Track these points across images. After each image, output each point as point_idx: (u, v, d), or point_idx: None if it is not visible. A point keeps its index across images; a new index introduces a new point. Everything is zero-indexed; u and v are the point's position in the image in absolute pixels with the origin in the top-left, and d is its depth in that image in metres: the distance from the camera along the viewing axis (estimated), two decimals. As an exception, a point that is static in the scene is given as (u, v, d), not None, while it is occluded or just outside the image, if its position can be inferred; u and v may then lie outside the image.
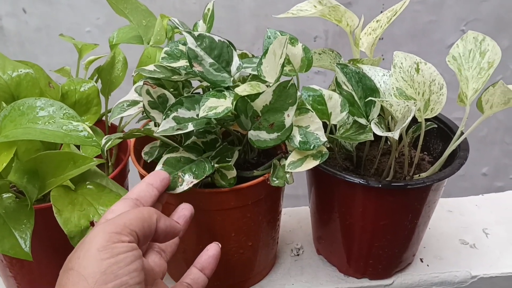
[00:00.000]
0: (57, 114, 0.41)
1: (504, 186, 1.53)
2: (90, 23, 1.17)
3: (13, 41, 1.22)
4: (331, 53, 0.61)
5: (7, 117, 0.41)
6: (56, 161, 0.44)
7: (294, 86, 0.46)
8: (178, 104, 0.48)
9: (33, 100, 0.41)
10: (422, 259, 0.63)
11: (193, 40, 0.50)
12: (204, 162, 0.49)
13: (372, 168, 0.58)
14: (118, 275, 0.33)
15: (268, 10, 1.21)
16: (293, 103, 0.46)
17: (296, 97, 0.46)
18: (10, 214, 0.44)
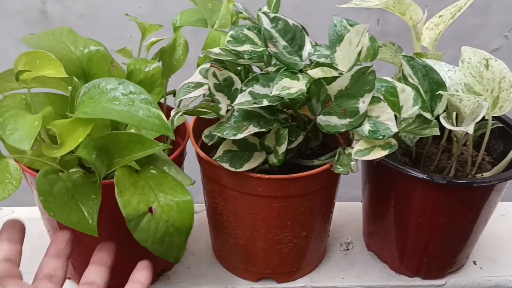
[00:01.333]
0: (136, 98, 0.41)
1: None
2: (132, 11, 1.17)
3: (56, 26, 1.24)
4: (392, 46, 0.60)
5: (86, 94, 0.41)
6: (124, 141, 0.44)
7: (373, 73, 0.45)
8: (254, 80, 0.48)
9: (114, 81, 0.41)
10: (475, 262, 0.61)
11: (268, 21, 0.50)
12: (273, 120, 0.49)
13: (432, 165, 0.57)
14: None
15: (310, 7, 1.20)
16: (370, 90, 0.46)
17: (373, 84, 0.45)
18: (78, 189, 0.44)
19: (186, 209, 0.46)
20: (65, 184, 0.45)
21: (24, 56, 0.42)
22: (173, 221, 0.45)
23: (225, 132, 0.47)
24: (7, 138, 0.38)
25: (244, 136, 0.47)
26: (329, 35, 0.54)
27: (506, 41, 1.31)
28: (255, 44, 0.53)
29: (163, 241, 0.45)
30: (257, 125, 0.48)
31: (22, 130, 0.39)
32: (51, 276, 0.42)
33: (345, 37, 0.49)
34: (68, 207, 0.43)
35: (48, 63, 0.43)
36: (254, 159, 0.50)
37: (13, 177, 0.43)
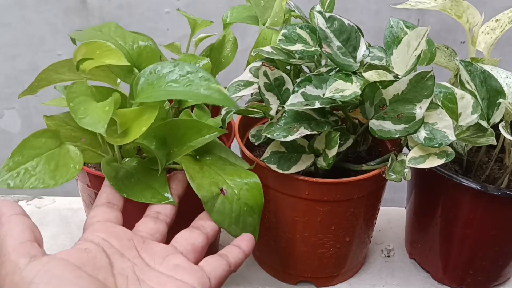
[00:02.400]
0: (195, 77, 0.40)
1: None
2: (169, 4, 1.17)
3: (95, 16, 1.24)
4: (446, 50, 0.58)
5: (145, 81, 0.41)
6: (184, 128, 0.44)
7: (432, 77, 0.44)
8: (307, 80, 0.47)
9: (169, 64, 0.41)
10: (522, 277, 0.59)
11: (324, 21, 0.48)
12: (324, 123, 0.48)
13: (483, 174, 0.55)
14: None
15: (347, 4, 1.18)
16: (428, 95, 0.44)
17: (433, 90, 0.44)
18: (141, 173, 0.44)
19: (255, 187, 0.46)
20: (127, 171, 0.45)
21: (84, 46, 0.42)
22: (245, 200, 0.45)
23: (275, 133, 0.46)
24: (80, 122, 0.38)
25: (294, 138, 0.46)
26: (385, 37, 0.52)
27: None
28: (307, 43, 0.52)
29: (239, 221, 0.45)
30: (308, 127, 0.47)
31: (93, 114, 0.39)
32: (158, 213, 0.42)
33: (403, 39, 0.48)
34: (138, 186, 0.44)
35: (108, 53, 0.43)
36: (302, 162, 0.49)
37: (75, 161, 0.43)
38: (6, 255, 0.32)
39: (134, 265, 0.36)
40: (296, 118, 0.48)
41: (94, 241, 0.36)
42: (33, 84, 0.49)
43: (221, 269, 0.38)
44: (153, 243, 0.39)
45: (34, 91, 0.50)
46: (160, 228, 0.41)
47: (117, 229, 0.39)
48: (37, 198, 0.68)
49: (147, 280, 0.35)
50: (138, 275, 0.35)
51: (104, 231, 0.38)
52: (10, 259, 0.32)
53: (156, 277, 0.35)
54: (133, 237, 0.38)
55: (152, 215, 0.42)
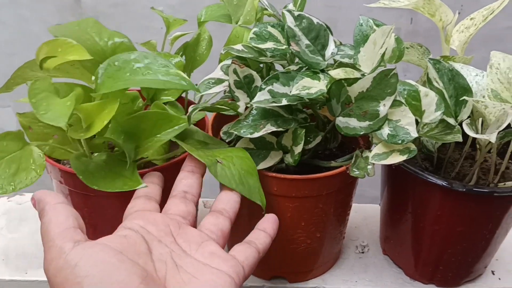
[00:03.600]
0: (153, 64, 0.41)
1: None
2: (163, 2, 1.18)
3: (88, 15, 1.25)
4: (420, 48, 0.59)
5: (104, 73, 0.41)
6: (152, 120, 0.45)
7: (396, 75, 0.45)
8: (274, 78, 0.48)
9: (127, 55, 0.42)
10: (494, 272, 0.60)
11: (292, 19, 0.49)
12: (291, 120, 0.49)
13: (453, 171, 0.55)
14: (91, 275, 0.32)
15: (341, 2, 1.18)
16: (391, 93, 0.45)
17: (396, 87, 0.45)
18: (111, 164, 0.45)
19: (245, 157, 0.48)
20: (97, 164, 0.46)
21: (45, 45, 0.43)
22: (239, 166, 0.46)
23: (242, 130, 0.47)
24: (41, 117, 0.39)
25: (261, 135, 0.47)
26: (354, 35, 0.53)
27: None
28: (278, 42, 0.52)
29: (243, 182, 0.46)
30: (274, 124, 0.48)
31: (55, 109, 0.40)
32: (186, 193, 0.43)
33: (370, 37, 0.48)
34: (109, 177, 0.44)
35: (71, 49, 0.44)
36: (270, 158, 0.50)
37: (36, 164, 0.44)
38: (51, 241, 0.34)
39: (171, 251, 0.37)
40: (263, 115, 0.48)
41: (133, 228, 0.37)
42: (9, 81, 0.50)
43: (252, 257, 0.40)
44: (187, 228, 0.40)
45: (10, 88, 0.51)
46: (191, 210, 0.42)
47: (154, 216, 0.40)
48: (18, 195, 0.69)
49: (185, 267, 0.36)
50: (175, 261, 0.36)
51: (142, 219, 0.39)
52: (55, 244, 0.33)
53: (193, 264, 0.36)
54: (170, 222, 0.39)
55: (180, 195, 0.42)
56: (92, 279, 0.31)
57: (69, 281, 0.31)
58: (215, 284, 0.35)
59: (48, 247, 0.34)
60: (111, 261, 0.32)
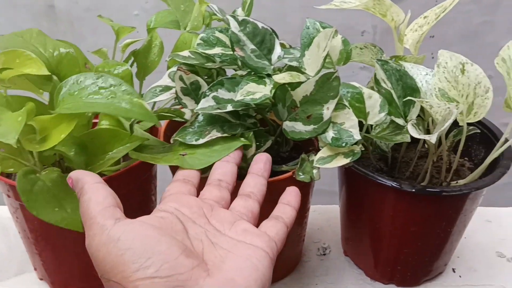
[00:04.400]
0: (117, 90, 0.41)
1: None
2: (139, 6, 1.18)
3: (63, 20, 1.24)
4: (373, 49, 0.59)
5: (67, 90, 0.41)
6: (105, 138, 0.45)
7: (337, 78, 0.45)
8: (219, 84, 0.47)
9: (93, 75, 0.41)
10: (455, 269, 0.60)
11: (236, 24, 0.49)
12: (238, 125, 0.48)
13: (407, 171, 0.55)
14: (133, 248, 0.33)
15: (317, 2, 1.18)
16: (334, 96, 0.45)
17: (338, 90, 0.45)
18: (58, 187, 0.44)
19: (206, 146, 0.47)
20: (45, 184, 0.45)
21: (3, 55, 0.42)
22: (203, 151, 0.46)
23: (188, 137, 0.47)
24: None
25: (206, 141, 0.46)
26: (302, 38, 0.53)
27: (520, 37, 1.27)
28: (226, 47, 0.52)
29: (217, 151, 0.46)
30: (220, 130, 0.47)
31: (5, 124, 0.40)
32: (220, 181, 0.43)
33: (313, 40, 0.48)
34: (51, 205, 0.43)
35: (29, 62, 0.44)
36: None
37: None
38: (92, 218, 0.35)
39: (206, 231, 0.37)
40: (210, 121, 0.48)
41: (168, 210, 0.38)
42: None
43: (282, 232, 0.40)
44: (220, 210, 0.40)
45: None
46: (224, 195, 0.42)
47: (188, 199, 0.40)
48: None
49: (220, 244, 0.36)
50: (211, 239, 0.37)
51: (176, 201, 0.39)
52: (96, 222, 0.34)
53: (227, 241, 0.37)
54: (203, 205, 0.40)
55: (214, 183, 0.43)
56: (134, 251, 0.32)
57: (112, 254, 0.32)
58: (252, 258, 0.35)
59: (90, 224, 0.35)
60: (151, 234, 0.34)
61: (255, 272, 0.34)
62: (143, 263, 0.32)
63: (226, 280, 0.33)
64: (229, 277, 0.33)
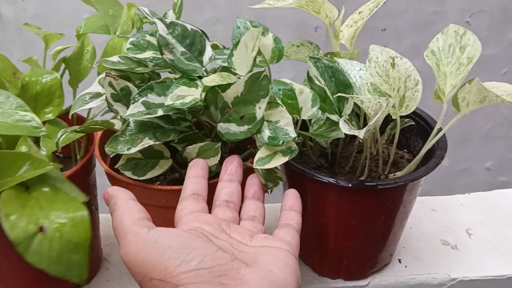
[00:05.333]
0: (4, 104, 0.39)
1: (508, 181, 1.50)
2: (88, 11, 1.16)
3: (11, 28, 1.21)
4: (310, 46, 0.59)
5: None
6: (11, 161, 0.43)
7: (266, 77, 0.45)
8: (149, 89, 0.47)
9: None
10: (401, 260, 0.61)
11: (164, 27, 0.48)
12: (171, 130, 0.48)
13: (347, 166, 0.56)
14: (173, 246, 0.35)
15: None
16: (265, 95, 0.45)
17: (268, 89, 0.45)
18: None
19: (81, 223, 0.44)
20: None
21: None
22: (68, 237, 0.43)
23: (119, 146, 0.46)
24: None
25: (138, 150, 0.46)
26: (233, 38, 0.53)
27: (468, 27, 1.30)
28: (158, 50, 0.51)
29: (61, 260, 0.43)
30: (153, 137, 0.47)
31: None
32: (228, 202, 0.45)
33: (240, 40, 0.48)
34: None
35: None
36: (159, 167, 0.49)
37: None
38: (126, 229, 0.37)
39: (230, 243, 0.39)
40: (141, 128, 0.47)
41: (192, 228, 0.39)
42: None
43: (296, 237, 0.43)
44: (236, 226, 0.43)
45: None
46: (236, 216, 0.44)
47: (206, 217, 0.42)
48: None
49: (246, 251, 0.38)
50: (237, 249, 0.38)
51: (196, 221, 0.41)
52: (131, 231, 0.36)
53: (252, 248, 0.39)
54: (220, 222, 0.42)
55: (223, 204, 0.45)
56: (174, 248, 0.34)
57: (152, 255, 0.34)
58: (280, 255, 0.38)
59: (124, 235, 0.36)
60: (186, 235, 0.36)
61: (287, 266, 0.37)
62: (185, 257, 0.33)
63: (264, 271, 0.35)
64: (266, 269, 0.36)
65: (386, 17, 1.22)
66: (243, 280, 0.34)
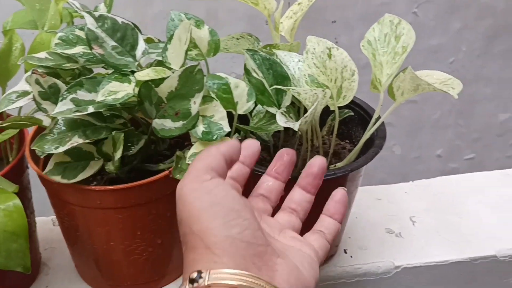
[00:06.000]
0: None
1: (458, 167, 1.54)
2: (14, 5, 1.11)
3: None
4: (250, 38, 0.58)
5: None
6: None
7: (200, 71, 0.43)
8: (78, 85, 0.45)
9: None
10: (346, 250, 0.61)
11: (93, 21, 0.46)
12: (103, 128, 0.46)
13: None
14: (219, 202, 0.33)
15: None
16: (199, 89, 0.44)
17: (203, 83, 0.44)
18: None
19: (15, 211, 0.43)
20: None
21: None
22: (3, 227, 0.42)
23: (46, 146, 0.44)
24: None
25: (67, 148, 0.44)
26: (167, 31, 0.51)
27: (416, 18, 1.33)
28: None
29: (0, 250, 0.42)
30: (83, 135, 0.45)
31: None
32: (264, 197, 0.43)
33: (174, 34, 0.46)
34: None
35: None
36: (90, 168, 0.47)
37: None
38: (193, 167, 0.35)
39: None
40: (71, 126, 0.45)
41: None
42: None
43: (325, 247, 0.41)
44: (267, 217, 0.41)
45: None
46: (269, 209, 0.42)
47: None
48: None
49: (273, 244, 0.36)
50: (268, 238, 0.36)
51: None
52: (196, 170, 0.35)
53: (279, 243, 0.37)
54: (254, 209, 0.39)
55: (259, 196, 0.43)
56: (223, 206, 0.33)
57: (202, 201, 0.33)
58: (305, 258, 0.37)
59: (189, 171, 0.35)
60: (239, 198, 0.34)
61: (312, 269, 0.36)
62: (230, 221, 0.32)
63: (293, 267, 0.35)
64: (294, 265, 0.35)
65: (336, 9, 1.22)
66: (273, 268, 0.33)
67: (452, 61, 1.38)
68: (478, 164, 1.55)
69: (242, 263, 0.31)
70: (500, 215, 0.65)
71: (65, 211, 0.50)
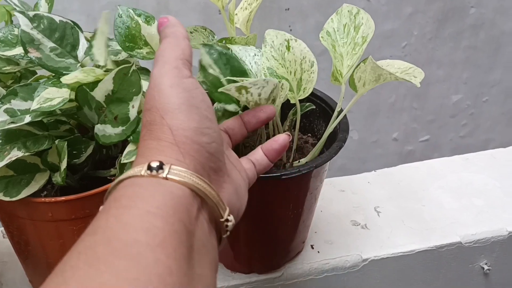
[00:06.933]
0: None
1: (414, 149, 1.57)
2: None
3: None
4: (204, 32, 0.55)
5: None
6: None
7: (136, 73, 0.40)
8: (11, 94, 0.41)
9: None
10: (313, 246, 0.60)
11: (27, 21, 0.42)
12: (45, 137, 0.43)
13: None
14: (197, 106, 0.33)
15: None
16: (137, 92, 0.41)
17: (140, 85, 0.41)
18: None
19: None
20: None
21: None
22: None
23: (-16, 160, 0.40)
24: None
25: (5, 164, 0.40)
26: (115, 28, 0.48)
27: (368, 4, 1.33)
28: (29, 45, 0.45)
29: None
30: (22, 147, 0.41)
31: None
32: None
33: (98, 29, 0.42)
34: None
35: None
36: (35, 182, 0.44)
37: None
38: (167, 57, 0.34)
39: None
40: (10, 138, 0.42)
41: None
42: None
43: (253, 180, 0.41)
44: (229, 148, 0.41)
45: None
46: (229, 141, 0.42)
47: None
48: None
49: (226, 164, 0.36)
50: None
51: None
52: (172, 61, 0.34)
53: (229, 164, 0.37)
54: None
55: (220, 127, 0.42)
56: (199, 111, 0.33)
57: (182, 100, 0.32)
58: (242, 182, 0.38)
59: (163, 62, 0.34)
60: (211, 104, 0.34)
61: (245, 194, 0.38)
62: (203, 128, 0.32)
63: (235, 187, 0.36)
64: (235, 186, 0.36)
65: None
66: (222, 186, 0.34)
67: (404, 45, 1.40)
68: (433, 145, 1.59)
69: (200, 170, 0.32)
70: (462, 201, 0.66)
71: (14, 225, 0.46)
